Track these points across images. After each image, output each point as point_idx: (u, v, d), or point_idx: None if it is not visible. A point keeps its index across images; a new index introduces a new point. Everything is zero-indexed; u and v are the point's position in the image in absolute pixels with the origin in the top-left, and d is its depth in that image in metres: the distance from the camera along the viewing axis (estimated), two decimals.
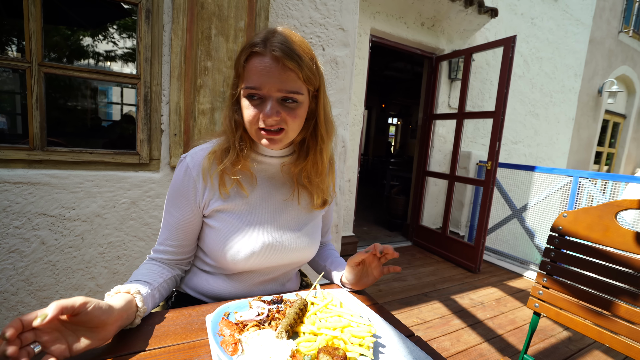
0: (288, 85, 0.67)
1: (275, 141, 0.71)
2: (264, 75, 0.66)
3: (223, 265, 0.78)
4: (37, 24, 1.42)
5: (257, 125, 0.70)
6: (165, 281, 0.75)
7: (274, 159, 0.81)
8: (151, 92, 1.63)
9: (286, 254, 0.81)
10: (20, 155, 1.46)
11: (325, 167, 0.82)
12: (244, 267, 0.78)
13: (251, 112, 0.69)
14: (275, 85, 0.66)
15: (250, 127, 0.71)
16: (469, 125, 4.17)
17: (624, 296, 0.85)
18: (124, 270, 1.72)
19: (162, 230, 0.79)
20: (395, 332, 0.64)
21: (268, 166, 0.81)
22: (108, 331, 0.53)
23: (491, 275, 3.02)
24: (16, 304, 1.54)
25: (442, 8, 3.29)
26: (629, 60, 6.53)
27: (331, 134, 0.80)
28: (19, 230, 1.50)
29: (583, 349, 1.94)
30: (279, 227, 0.80)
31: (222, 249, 0.75)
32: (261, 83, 0.66)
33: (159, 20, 1.59)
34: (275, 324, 0.62)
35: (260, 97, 0.68)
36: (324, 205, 0.86)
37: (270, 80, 0.66)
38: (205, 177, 0.75)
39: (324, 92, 0.76)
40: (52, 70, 1.47)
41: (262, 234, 0.78)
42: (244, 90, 0.69)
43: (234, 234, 0.76)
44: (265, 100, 0.68)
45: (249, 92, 0.68)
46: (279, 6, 1.90)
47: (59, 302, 0.46)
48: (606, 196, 2.79)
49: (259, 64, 0.66)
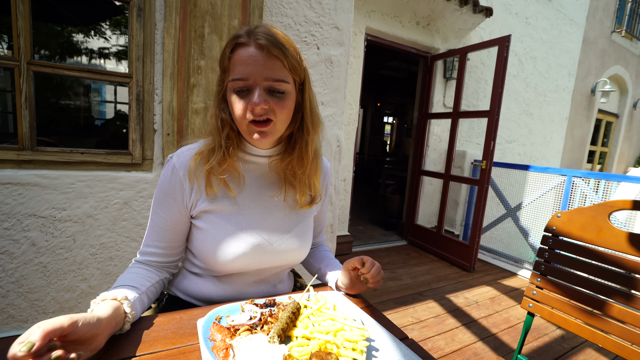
0: (274, 73, 0.67)
1: (265, 134, 0.70)
2: (249, 65, 0.66)
3: (212, 266, 0.77)
4: (26, 22, 1.39)
5: (246, 119, 0.68)
6: (153, 285, 0.74)
7: (262, 158, 0.80)
8: (143, 91, 1.61)
9: (275, 255, 0.79)
10: (9, 155, 1.43)
11: (310, 160, 0.80)
12: (232, 269, 0.77)
13: (240, 106, 0.68)
14: (262, 73, 0.66)
15: (241, 121, 0.70)
16: (464, 124, 4.18)
17: (617, 296, 0.85)
18: (117, 272, 1.70)
19: (148, 231, 0.77)
20: (388, 335, 0.63)
21: (256, 166, 0.80)
22: (98, 342, 0.52)
23: (486, 274, 3.04)
24: (6, 306, 1.52)
25: (437, 7, 3.29)
26: (621, 60, 6.59)
27: (317, 127, 0.79)
28: (8, 231, 1.47)
29: (576, 347, 1.96)
30: (268, 228, 0.79)
31: (211, 250, 0.74)
32: (247, 73, 0.66)
33: (151, 18, 1.57)
34: (267, 328, 0.61)
35: (248, 88, 0.67)
36: (311, 204, 0.83)
37: (256, 69, 0.66)
38: (191, 177, 0.74)
39: (309, 86, 0.76)
40: (42, 69, 1.45)
41: (250, 234, 0.76)
42: (230, 83, 0.68)
43: (222, 235, 0.75)
44: (252, 90, 0.67)
45: (236, 85, 0.67)
46: (273, 4, 1.88)
47: (45, 328, 0.42)
48: (599, 195, 2.81)
49: (245, 53, 0.66)
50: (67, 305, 1.63)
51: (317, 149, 0.82)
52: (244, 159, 0.79)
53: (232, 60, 0.68)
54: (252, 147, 0.78)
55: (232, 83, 0.68)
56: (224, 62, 0.70)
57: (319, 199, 0.86)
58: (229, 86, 0.69)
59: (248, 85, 0.67)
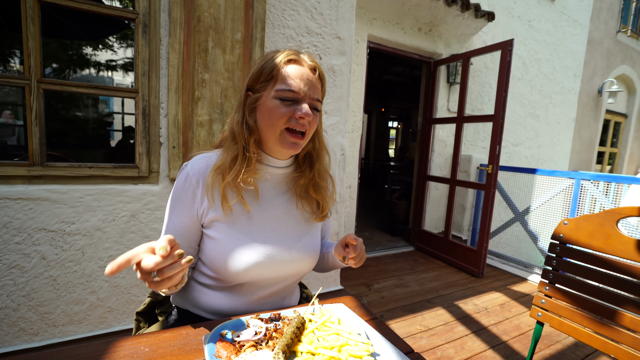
0: (317, 94, 0.76)
1: (298, 145, 0.76)
2: (303, 81, 0.73)
3: (223, 276, 0.77)
4: (36, 42, 1.43)
5: (285, 124, 0.73)
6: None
7: (278, 170, 0.83)
8: (149, 105, 1.64)
9: (287, 264, 0.81)
10: (20, 171, 1.47)
11: (327, 171, 0.89)
12: (244, 278, 0.77)
13: (284, 110, 0.73)
14: (311, 91, 0.75)
15: (276, 127, 0.73)
16: (469, 128, 4.16)
17: (628, 305, 0.84)
18: (125, 284, 1.72)
19: (163, 234, 0.78)
20: (393, 350, 0.63)
21: (270, 176, 0.83)
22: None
23: (495, 280, 2.99)
24: (17, 319, 1.54)
25: (439, 13, 3.30)
26: (628, 59, 6.52)
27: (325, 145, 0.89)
28: (19, 246, 1.50)
29: (589, 355, 1.91)
30: (279, 238, 0.81)
31: (223, 259, 0.75)
32: (300, 87, 0.73)
33: (156, 34, 1.61)
34: (272, 344, 0.62)
35: (295, 99, 0.73)
36: (324, 217, 0.89)
37: (307, 87, 0.74)
38: (208, 190, 0.76)
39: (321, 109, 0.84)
40: (51, 86, 1.49)
41: (262, 244, 0.78)
42: (277, 92, 0.73)
43: (235, 245, 0.76)
44: (299, 102, 0.74)
45: (285, 94, 0.73)
46: (275, 17, 1.91)
47: (166, 237, 0.54)
48: (609, 198, 2.77)
49: (299, 70, 0.74)
50: (77, 317, 1.64)
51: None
52: (260, 169, 0.81)
53: (284, 72, 0.74)
54: (270, 158, 0.81)
55: (280, 92, 0.73)
56: (274, 70, 0.74)
57: (330, 214, 0.91)
58: (274, 94, 0.73)
59: (297, 97, 0.73)
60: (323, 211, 0.87)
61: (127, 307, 1.74)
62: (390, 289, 2.66)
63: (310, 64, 0.76)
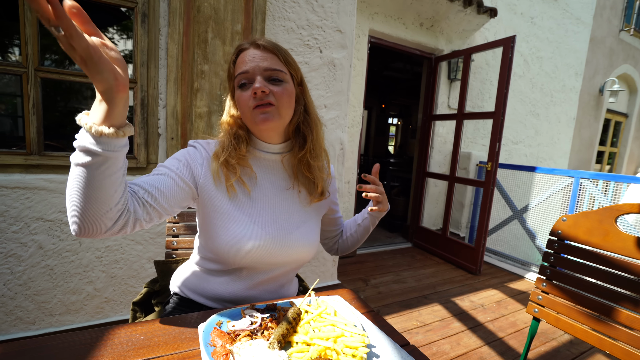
0: (271, 65, 0.75)
1: (268, 115, 0.74)
2: (249, 61, 0.75)
3: (224, 258, 0.77)
4: (33, 29, 1.42)
5: (250, 107, 0.75)
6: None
7: (274, 155, 0.84)
8: (148, 96, 1.62)
9: (286, 249, 0.81)
10: (18, 160, 1.46)
11: (322, 148, 0.87)
12: (245, 260, 0.78)
13: (245, 96, 0.75)
14: (260, 65, 0.74)
15: (246, 111, 0.76)
16: (469, 125, 4.15)
17: (625, 302, 0.84)
18: (122, 274, 1.71)
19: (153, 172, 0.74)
20: (389, 342, 0.63)
21: (268, 162, 0.84)
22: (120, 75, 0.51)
23: (492, 277, 3.00)
24: (14, 308, 1.54)
25: (441, 8, 3.27)
26: (630, 59, 6.49)
27: (320, 122, 0.88)
28: (16, 234, 1.49)
29: (585, 352, 1.92)
30: (279, 222, 0.82)
31: (225, 241, 0.76)
32: (248, 67, 0.75)
33: (155, 24, 1.59)
34: (267, 334, 0.61)
35: (249, 80, 0.75)
36: (322, 197, 0.88)
37: (255, 63, 0.74)
38: (213, 171, 0.78)
39: (306, 86, 0.85)
40: (49, 75, 1.47)
41: (263, 226, 0.79)
42: (235, 80, 0.77)
43: (236, 226, 0.77)
44: (253, 82, 0.75)
45: (239, 80, 0.76)
46: (275, 9, 1.89)
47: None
48: (608, 197, 2.77)
49: (245, 55, 0.76)
50: (73, 307, 1.64)
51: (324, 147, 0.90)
52: (255, 155, 0.83)
53: (236, 64, 0.77)
54: (262, 143, 0.82)
55: (236, 80, 0.76)
56: (230, 68, 0.79)
57: (328, 194, 0.91)
58: (235, 85, 0.77)
59: (249, 77, 0.75)
60: (318, 189, 0.87)
61: (124, 297, 1.74)
62: (387, 285, 2.67)
63: (256, 43, 0.76)
